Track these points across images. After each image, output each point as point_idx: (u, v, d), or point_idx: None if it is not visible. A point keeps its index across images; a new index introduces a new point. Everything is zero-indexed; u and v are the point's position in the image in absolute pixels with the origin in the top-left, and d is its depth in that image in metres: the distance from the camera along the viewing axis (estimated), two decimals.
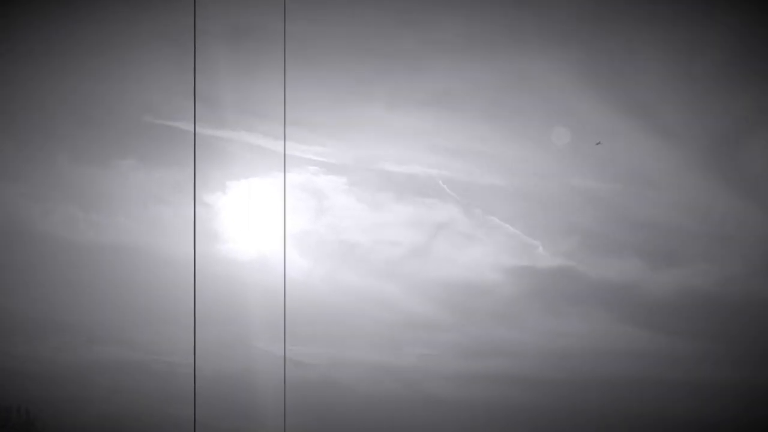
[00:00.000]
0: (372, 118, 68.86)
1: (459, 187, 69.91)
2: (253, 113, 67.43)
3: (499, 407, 62.31)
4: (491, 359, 65.11)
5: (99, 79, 67.24)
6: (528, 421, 62.33)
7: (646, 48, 68.35)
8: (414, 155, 73.88)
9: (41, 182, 70.01)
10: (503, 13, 68.45)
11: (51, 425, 56.81)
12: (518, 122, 69.74)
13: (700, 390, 62.61)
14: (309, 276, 65.26)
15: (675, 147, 69.84)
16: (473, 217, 67.41)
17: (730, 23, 69.21)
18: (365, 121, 70.06)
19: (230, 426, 59.02)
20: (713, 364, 62.50)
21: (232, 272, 66.14)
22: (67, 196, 70.32)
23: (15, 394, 56.32)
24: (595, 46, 67.56)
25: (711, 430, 64.02)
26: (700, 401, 61.75)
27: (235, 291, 63.55)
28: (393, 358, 63.32)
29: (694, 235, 69.09)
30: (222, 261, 68.43)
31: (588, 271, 66.07)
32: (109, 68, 66.03)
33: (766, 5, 70.70)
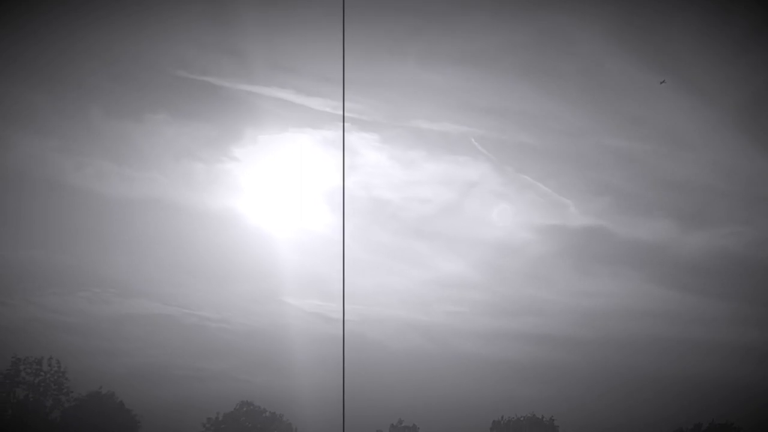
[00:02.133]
0: (405, 75, 69.74)
1: (491, 145, 72.14)
2: (285, 68, 67.65)
3: (526, 365, 62.39)
4: (520, 317, 65.37)
5: (131, 33, 68.11)
6: (556, 378, 62.40)
7: (680, 6, 69.08)
8: (446, 113, 74.13)
9: (74, 136, 73.58)
10: None
11: (81, 376, 56.81)
12: (551, 80, 70.13)
13: (730, 350, 63.56)
14: (338, 232, 65.74)
15: (707, 106, 70.34)
16: (505, 175, 67.73)
17: None
18: (398, 79, 70.81)
19: (262, 380, 59.66)
20: (743, 324, 63.27)
21: (261, 227, 66.93)
22: (99, 150, 72.07)
23: (46, 345, 57.09)
24: (629, 4, 68.86)
25: (740, 389, 64.01)
26: (729, 361, 62.81)
27: (264, 246, 64.40)
28: (422, 314, 64.28)
29: (725, 196, 70.21)
30: (252, 216, 69.79)
31: (619, 231, 66.01)
32: (141, 23, 66.77)
33: None
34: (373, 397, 53.40)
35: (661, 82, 62.39)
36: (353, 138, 63.67)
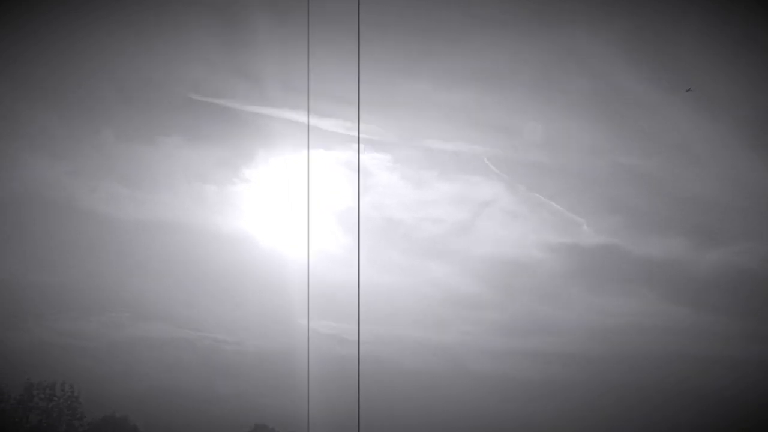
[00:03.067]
0: (417, 95, 69.87)
1: (503, 164, 70.06)
2: (296, 91, 67.88)
3: (541, 384, 62.67)
4: (534, 337, 65.22)
5: (144, 56, 69.66)
6: (571, 398, 62.52)
7: (693, 22, 68.79)
8: (458, 132, 74.56)
9: (86, 159, 72.07)
10: None
11: (95, 400, 56.57)
12: (564, 99, 69.57)
13: (746, 367, 63.35)
14: (352, 253, 66.14)
15: (721, 121, 70.22)
16: (517, 194, 67.52)
17: None
18: (410, 99, 71.36)
19: (276, 402, 59.94)
20: (759, 342, 63.10)
21: (274, 249, 67.11)
22: (112, 173, 72.61)
23: (60, 370, 56.34)
24: (641, 21, 68.08)
25: (755, 407, 64.18)
26: (746, 379, 62.65)
27: (278, 268, 64.54)
28: (436, 334, 64.07)
29: (740, 212, 69.45)
30: (264, 238, 70.06)
31: (632, 249, 66.02)
32: (154, 46, 68.39)
33: None
34: (389, 417, 54.02)
35: (687, 90, 62.05)
36: (365, 158, 63.49)
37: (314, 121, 65.42)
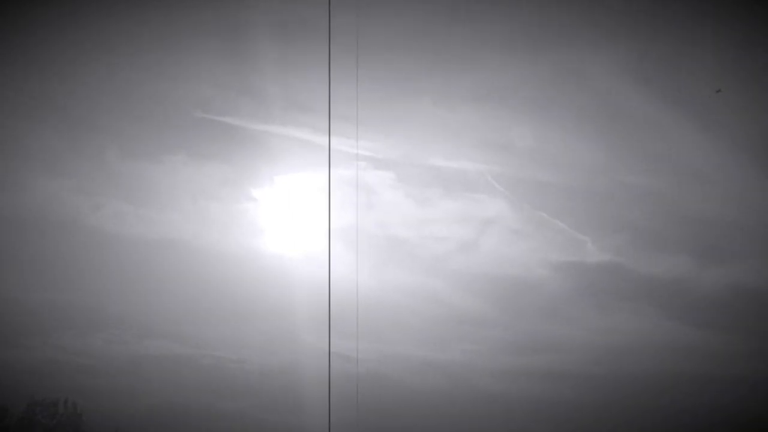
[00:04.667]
0: (420, 113, 70.18)
1: (507, 182, 69.92)
2: (301, 109, 68.61)
3: (545, 403, 62.41)
4: (538, 355, 65.22)
5: (148, 74, 69.16)
6: (575, 418, 62.74)
7: (697, 43, 69.39)
8: (462, 150, 74.22)
9: (91, 177, 71.65)
10: (552, 8, 69.70)
11: (98, 418, 56.78)
12: (568, 117, 70.17)
13: (749, 385, 63.34)
14: (356, 271, 67.23)
15: (726, 142, 70.41)
16: (521, 212, 67.81)
17: None
18: (413, 117, 71.16)
19: (278, 419, 60.17)
20: (763, 360, 63.53)
21: (278, 267, 67.78)
22: (117, 191, 71.55)
23: (64, 387, 57.01)
24: (645, 41, 68.38)
25: (761, 425, 64.73)
26: (751, 399, 62.73)
27: (281, 285, 65.13)
28: (439, 353, 63.70)
29: (745, 232, 69.07)
30: (269, 256, 70.03)
31: (637, 267, 66.35)
32: (159, 63, 68.08)
33: None
34: None
35: (717, 91, 63.00)
36: (369, 176, 65.27)
37: (318, 139, 66.03)
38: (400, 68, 68.34)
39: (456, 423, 63.61)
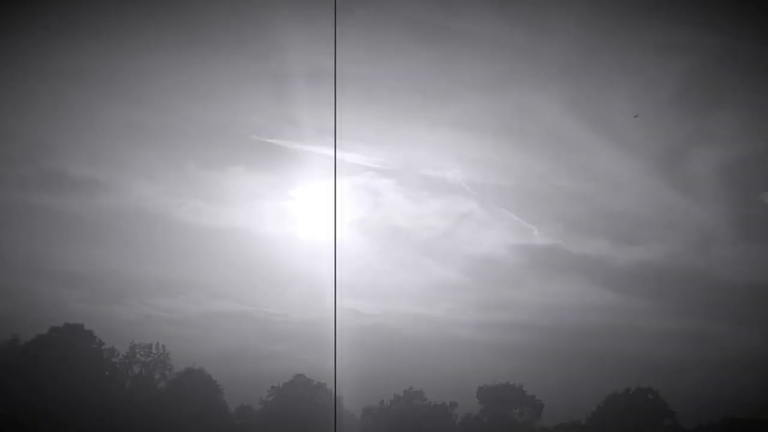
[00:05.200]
0: (415, 135, 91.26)
1: (478, 187, 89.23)
2: (328, 132, 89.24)
3: (506, 345, 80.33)
4: (499, 311, 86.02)
5: (219, 108, 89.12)
6: (528, 355, 79.00)
7: (619, 83, 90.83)
8: (445, 163, 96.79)
9: (176, 183, 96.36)
10: (510, 57, 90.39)
11: (181, 357, 70.36)
12: (519, 139, 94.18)
13: (651, 333, 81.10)
14: (367, 251, 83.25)
15: (635, 156, 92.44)
16: (487, 208, 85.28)
17: (678, 72, 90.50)
18: (409, 138, 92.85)
19: (312, 358, 74.09)
20: (662, 314, 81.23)
21: (310, 247, 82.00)
22: (194, 193, 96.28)
23: (156, 334, 72.88)
24: (575, 81, 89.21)
25: (659, 362, 78.92)
26: (651, 341, 79.92)
27: (312, 260, 77.98)
28: (428, 309, 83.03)
29: (648, 221, 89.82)
30: (302, 239, 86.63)
31: (570, 248, 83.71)
32: (227, 100, 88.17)
33: (717, 51, 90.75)
34: (392, 371, 72.18)
35: (635, 116, 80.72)
36: (378, 182, 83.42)
37: (340, 155, 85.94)
38: (401, 105, 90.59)
39: (440, 360, 78.44)
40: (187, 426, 62.56)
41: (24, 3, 76.62)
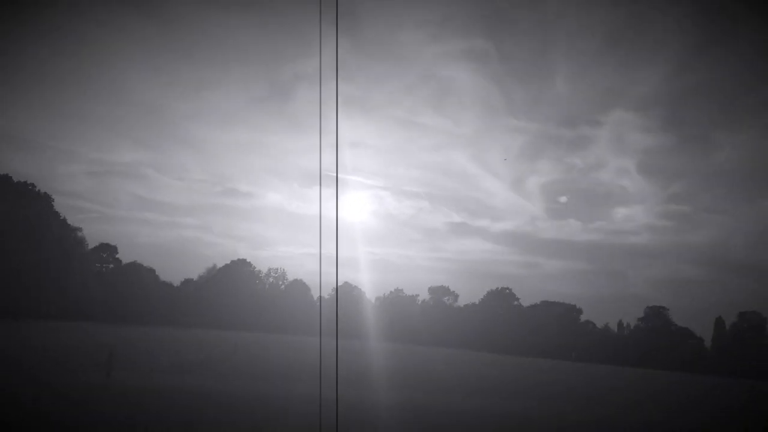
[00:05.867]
0: (400, 164, 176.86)
1: (437, 199, 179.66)
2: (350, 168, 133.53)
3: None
4: (436, 252, 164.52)
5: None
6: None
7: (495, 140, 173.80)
8: (420, 182, 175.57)
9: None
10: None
11: None
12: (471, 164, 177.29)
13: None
14: (372, 233, 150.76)
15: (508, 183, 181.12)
16: (440, 211, 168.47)
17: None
18: (397, 164, 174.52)
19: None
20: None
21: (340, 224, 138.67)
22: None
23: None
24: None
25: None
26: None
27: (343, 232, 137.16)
28: (404, 249, 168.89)
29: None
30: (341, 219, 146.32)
31: (470, 222, 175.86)
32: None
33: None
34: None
35: (504, 159, 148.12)
36: (380, 192, 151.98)
37: (362, 179, 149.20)
38: (390, 135, 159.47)
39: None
40: None
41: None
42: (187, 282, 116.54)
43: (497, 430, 17.16)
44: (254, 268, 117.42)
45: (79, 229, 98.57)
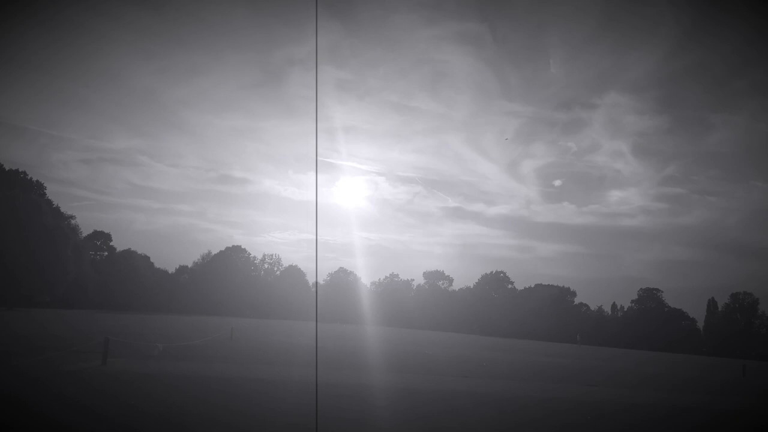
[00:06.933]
0: (396, 154, 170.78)
1: (432, 183, 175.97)
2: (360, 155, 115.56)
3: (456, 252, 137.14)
4: (431, 238, 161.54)
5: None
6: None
7: (493, 123, 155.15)
8: (415, 169, 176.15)
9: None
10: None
11: None
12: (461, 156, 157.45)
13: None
14: (367, 219, 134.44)
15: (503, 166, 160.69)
16: (435, 195, 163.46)
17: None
18: (395, 155, 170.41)
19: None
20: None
21: (334, 216, 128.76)
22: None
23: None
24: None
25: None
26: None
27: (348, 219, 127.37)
28: (398, 235, 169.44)
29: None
30: (345, 207, 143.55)
31: (465, 206, 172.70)
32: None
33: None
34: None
35: (506, 139, 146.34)
36: (377, 179, 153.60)
37: (365, 166, 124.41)
38: (385, 135, 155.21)
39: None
40: None
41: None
42: (182, 269, 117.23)
43: (494, 410, 17.30)
44: (249, 254, 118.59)
45: (73, 217, 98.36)
